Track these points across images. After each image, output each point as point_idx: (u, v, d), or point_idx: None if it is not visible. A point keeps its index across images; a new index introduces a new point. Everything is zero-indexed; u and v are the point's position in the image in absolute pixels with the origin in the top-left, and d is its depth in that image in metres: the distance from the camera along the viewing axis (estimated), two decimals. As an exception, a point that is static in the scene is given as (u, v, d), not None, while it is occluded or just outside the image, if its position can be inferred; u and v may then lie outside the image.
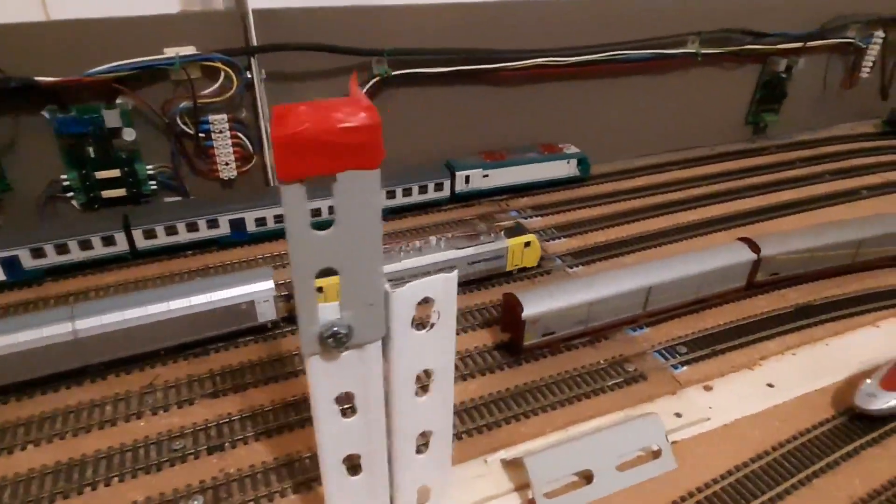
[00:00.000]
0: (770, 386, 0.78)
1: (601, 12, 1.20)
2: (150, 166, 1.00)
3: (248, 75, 0.98)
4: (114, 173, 0.98)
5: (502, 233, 0.94)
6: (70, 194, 0.98)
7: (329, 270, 0.40)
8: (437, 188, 1.12)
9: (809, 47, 1.44)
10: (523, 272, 0.97)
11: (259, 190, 1.09)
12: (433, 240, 0.91)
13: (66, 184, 0.96)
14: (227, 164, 1.04)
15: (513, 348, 0.80)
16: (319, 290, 0.84)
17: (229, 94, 0.97)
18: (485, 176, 1.15)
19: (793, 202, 1.24)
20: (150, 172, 1.00)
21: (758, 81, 1.47)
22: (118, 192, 0.99)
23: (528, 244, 0.94)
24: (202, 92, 0.97)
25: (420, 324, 0.46)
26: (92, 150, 0.95)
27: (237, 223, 1.00)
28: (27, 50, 0.86)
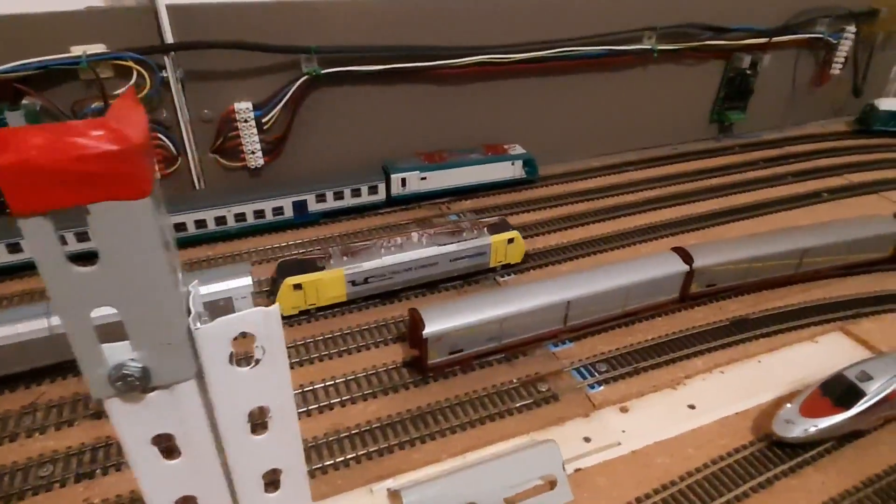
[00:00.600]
0: (691, 407, 0.74)
1: (549, 7, 1.15)
2: (65, 169, 0.96)
3: (162, 74, 0.94)
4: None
5: (485, 229, 0.92)
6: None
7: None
8: (372, 191, 1.08)
9: (776, 42, 1.38)
10: (507, 268, 0.96)
11: (186, 191, 1.05)
12: (415, 236, 0.89)
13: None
14: (149, 166, 1.00)
15: (419, 367, 0.76)
16: (298, 287, 0.81)
17: (143, 94, 0.93)
18: (423, 178, 1.10)
19: (749, 206, 1.19)
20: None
21: (722, 78, 1.42)
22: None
23: (511, 240, 0.93)
24: (115, 92, 0.92)
25: (244, 359, 0.42)
26: (-2, 152, 0.91)
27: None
28: (-80, 49, 0.82)
